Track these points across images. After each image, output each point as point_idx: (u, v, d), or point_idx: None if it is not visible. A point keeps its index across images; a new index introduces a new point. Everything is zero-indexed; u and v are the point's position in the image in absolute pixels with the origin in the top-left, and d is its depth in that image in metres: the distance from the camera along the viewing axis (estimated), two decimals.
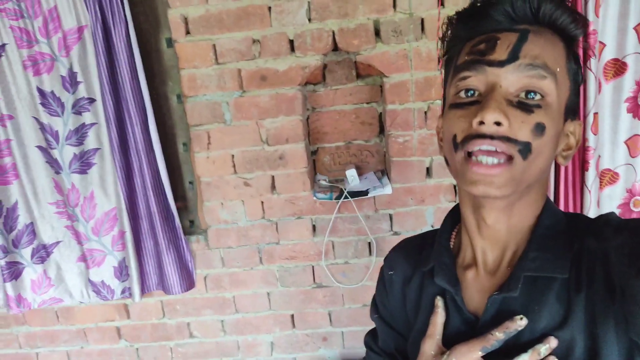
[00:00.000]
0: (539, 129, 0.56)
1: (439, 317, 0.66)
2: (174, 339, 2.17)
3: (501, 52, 0.57)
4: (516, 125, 0.55)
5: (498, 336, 0.59)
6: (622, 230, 0.56)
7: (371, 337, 0.86)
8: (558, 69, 0.57)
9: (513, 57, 0.56)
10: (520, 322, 0.58)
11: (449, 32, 0.65)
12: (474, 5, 0.61)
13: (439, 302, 0.67)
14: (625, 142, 1.67)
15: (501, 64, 0.57)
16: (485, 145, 0.56)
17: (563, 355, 0.56)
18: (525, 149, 0.55)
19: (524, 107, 0.56)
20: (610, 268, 0.54)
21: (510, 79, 0.56)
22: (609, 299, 0.53)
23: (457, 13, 0.64)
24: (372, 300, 0.86)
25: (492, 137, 0.55)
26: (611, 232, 0.57)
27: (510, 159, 0.56)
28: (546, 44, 0.57)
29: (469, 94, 0.59)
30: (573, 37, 0.60)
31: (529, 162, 0.56)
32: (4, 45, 1.76)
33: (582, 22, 0.60)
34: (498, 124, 0.55)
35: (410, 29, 1.70)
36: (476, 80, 0.59)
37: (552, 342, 0.56)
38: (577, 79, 0.61)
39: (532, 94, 0.56)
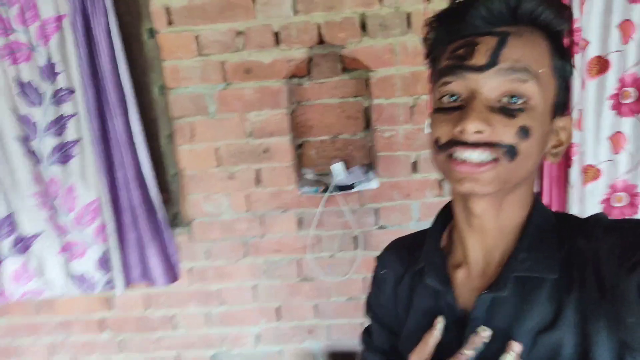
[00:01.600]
0: (524, 132, 0.55)
1: (433, 338, 0.65)
2: (158, 331, 2.17)
3: (480, 57, 0.56)
4: (500, 130, 0.54)
5: (468, 354, 0.59)
6: (612, 230, 0.56)
7: (367, 334, 0.85)
8: (541, 70, 0.56)
9: (492, 62, 0.55)
10: (484, 334, 0.58)
11: (430, 33, 0.64)
12: (452, 7, 0.60)
13: (439, 322, 0.65)
14: (609, 139, 1.68)
15: (480, 69, 0.55)
16: (468, 153, 0.56)
17: (553, 356, 0.56)
18: (511, 151, 0.55)
19: (507, 112, 0.55)
20: (601, 268, 0.54)
21: (491, 85, 0.55)
22: (600, 299, 0.53)
23: (436, 15, 0.62)
24: (366, 299, 0.86)
25: (475, 145, 0.55)
26: (602, 233, 0.57)
27: (495, 160, 0.55)
28: (527, 46, 0.56)
29: (452, 99, 0.59)
30: (558, 32, 0.59)
31: (516, 164, 0.56)
32: None
33: (566, 14, 0.58)
34: (479, 132, 0.54)
35: (396, 23, 1.68)
36: (457, 85, 0.58)
37: (516, 347, 0.56)
38: (565, 74, 0.60)
39: (515, 98, 0.55)
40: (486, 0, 0.56)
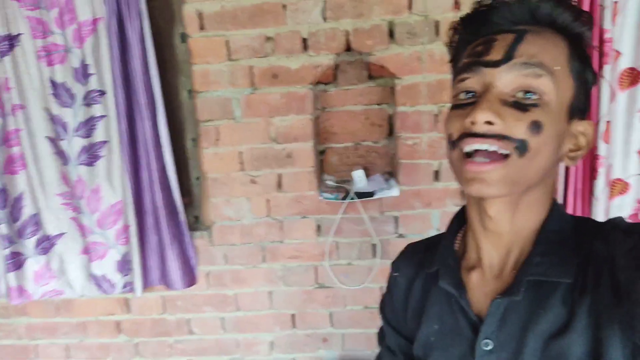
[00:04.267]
0: (535, 126, 0.55)
1: None
2: (173, 335, 2.16)
3: (497, 53, 0.57)
4: (511, 123, 0.55)
5: None
6: (630, 233, 0.56)
7: (381, 334, 0.86)
8: (557, 68, 0.57)
9: (508, 57, 0.56)
10: None
11: (454, 37, 0.66)
12: (476, 10, 0.62)
13: None
14: (638, 152, 1.66)
15: (496, 64, 0.57)
16: (478, 144, 0.56)
17: None
18: (522, 146, 0.55)
19: (520, 106, 0.56)
20: (617, 272, 0.54)
21: (505, 79, 0.56)
22: (615, 303, 0.53)
23: (460, 18, 0.64)
24: (380, 302, 0.87)
25: (484, 136, 0.56)
26: (619, 236, 0.56)
27: (506, 156, 0.56)
28: (545, 43, 0.57)
29: (468, 96, 0.60)
30: (577, 35, 0.59)
31: (527, 160, 0.56)
32: (19, 35, 1.77)
33: (584, 18, 0.59)
34: (490, 123, 0.55)
35: (424, 31, 1.70)
36: (473, 81, 0.59)
37: None
38: (585, 79, 0.60)
39: (529, 93, 0.56)
40: (509, 2, 0.58)
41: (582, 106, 0.61)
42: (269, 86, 1.81)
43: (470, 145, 0.57)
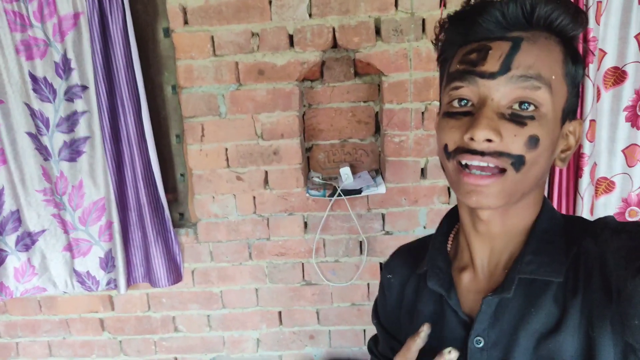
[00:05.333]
0: (533, 141, 0.55)
1: (416, 345, 0.64)
2: (158, 333, 2.14)
3: (493, 63, 0.55)
4: (509, 139, 0.54)
5: None
6: (620, 232, 0.56)
7: (373, 342, 0.86)
8: (553, 77, 0.55)
9: (505, 68, 0.55)
10: (449, 356, 0.59)
11: (442, 35, 0.63)
12: (465, 10, 0.59)
13: (424, 328, 0.64)
14: (623, 151, 1.68)
15: (492, 75, 0.55)
16: (476, 161, 0.55)
17: (557, 358, 0.55)
18: (518, 162, 0.55)
19: (517, 119, 0.55)
20: (608, 270, 0.54)
21: (502, 91, 0.55)
22: (606, 302, 0.53)
23: (449, 17, 0.61)
24: (373, 305, 0.86)
25: (482, 154, 0.55)
26: (609, 235, 0.56)
27: (502, 170, 0.55)
28: (541, 52, 0.55)
29: (462, 104, 0.58)
30: (572, 37, 0.58)
31: (523, 174, 0.56)
32: None
33: (582, 18, 0.57)
34: (489, 140, 0.54)
35: (411, 29, 1.69)
36: (468, 90, 0.57)
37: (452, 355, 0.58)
38: (576, 81, 0.59)
39: (526, 104, 0.55)
40: (501, 4, 0.55)
41: (573, 107, 0.60)
42: (254, 82, 1.79)
43: (468, 162, 0.56)
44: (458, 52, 0.60)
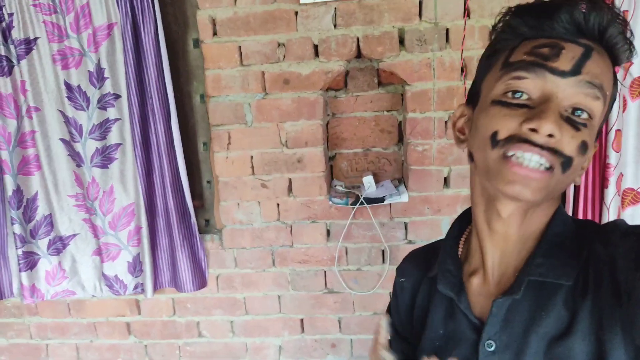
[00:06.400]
0: (584, 147, 0.56)
1: (382, 338, 0.67)
2: (182, 338, 2.18)
3: (565, 62, 0.55)
4: (566, 140, 0.55)
5: None
6: (629, 235, 0.56)
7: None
8: (608, 93, 0.57)
9: (576, 70, 0.55)
10: None
11: (504, 22, 0.62)
12: (540, 3, 0.58)
13: (384, 320, 0.68)
14: None
15: (563, 74, 0.55)
16: (534, 153, 0.55)
17: None
18: (567, 163, 0.55)
19: (573, 123, 0.55)
20: (617, 273, 0.54)
21: (568, 92, 0.55)
22: (616, 304, 0.53)
23: (520, 7, 0.60)
24: (386, 308, 0.87)
25: (541, 147, 0.54)
26: (619, 238, 0.57)
27: (549, 168, 0.55)
28: (605, 66, 0.56)
29: (517, 95, 0.57)
30: (620, 62, 0.59)
31: (566, 176, 0.57)
32: (36, 39, 1.80)
33: (633, 50, 0.59)
34: (551, 136, 0.54)
35: (435, 39, 1.71)
36: (532, 83, 0.56)
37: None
38: (612, 104, 0.61)
39: (580, 111, 0.55)
40: (581, 10, 0.55)
41: (601, 130, 0.62)
42: (280, 91, 1.83)
43: (527, 154, 0.55)
44: (524, 43, 0.59)
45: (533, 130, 0.54)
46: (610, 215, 1.67)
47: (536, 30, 0.58)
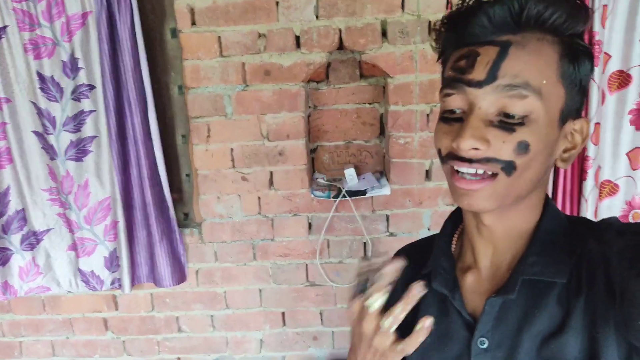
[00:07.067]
0: (522, 147, 0.54)
1: (420, 337, 0.61)
2: (161, 333, 2.15)
3: (479, 71, 0.55)
4: (497, 145, 0.54)
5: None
6: (623, 233, 0.56)
7: None
8: (544, 81, 0.54)
9: (491, 77, 0.54)
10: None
11: (439, 37, 0.62)
12: (456, 12, 0.58)
13: (427, 321, 0.61)
14: (627, 154, 1.68)
15: (479, 84, 0.54)
16: (464, 168, 0.56)
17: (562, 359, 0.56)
18: (509, 167, 0.55)
19: (505, 126, 0.54)
20: (611, 271, 0.54)
21: (489, 100, 0.54)
22: (609, 302, 0.53)
23: (442, 20, 0.61)
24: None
25: (470, 161, 0.55)
26: (613, 236, 0.57)
27: (494, 174, 0.55)
28: (530, 57, 0.53)
29: (454, 111, 0.59)
30: (571, 35, 0.55)
31: (515, 178, 0.56)
32: (5, 27, 1.74)
33: (581, 14, 0.54)
34: (476, 149, 0.54)
35: (417, 31, 1.70)
36: (458, 98, 0.57)
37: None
38: (576, 79, 0.56)
39: (510, 113, 0.55)
40: (488, 7, 0.54)
41: (576, 106, 0.58)
42: (260, 83, 1.80)
43: (463, 169, 0.57)
44: (453, 54, 0.60)
45: (457, 148, 0.56)
46: (588, 206, 1.69)
47: (458, 40, 0.59)
